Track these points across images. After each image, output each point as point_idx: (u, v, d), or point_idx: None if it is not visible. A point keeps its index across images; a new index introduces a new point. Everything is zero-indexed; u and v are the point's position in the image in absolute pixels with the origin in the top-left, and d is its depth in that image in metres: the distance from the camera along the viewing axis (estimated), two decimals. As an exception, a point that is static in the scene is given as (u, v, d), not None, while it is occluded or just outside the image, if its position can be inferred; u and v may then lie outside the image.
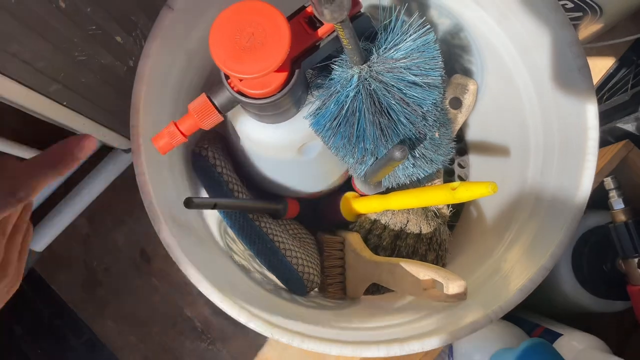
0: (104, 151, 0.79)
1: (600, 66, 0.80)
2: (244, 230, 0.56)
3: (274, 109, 0.42)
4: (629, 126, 0.56)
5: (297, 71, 0.41)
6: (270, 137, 0.48)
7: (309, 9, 0.41)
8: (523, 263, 0.44)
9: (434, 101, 0.45)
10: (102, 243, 0.81)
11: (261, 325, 0.41)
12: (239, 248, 0.60)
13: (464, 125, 0.66)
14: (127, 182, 0.80)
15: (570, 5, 0.59)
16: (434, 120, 0.48)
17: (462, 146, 0.69)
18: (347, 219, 0.62)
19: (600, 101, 0.70)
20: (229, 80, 0.40)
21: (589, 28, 0.69)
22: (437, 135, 0.51)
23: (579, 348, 0.50)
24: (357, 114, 0.44)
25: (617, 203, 0.53)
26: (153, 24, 0.54)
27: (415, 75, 0.43)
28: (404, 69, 0.43)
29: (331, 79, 0.45)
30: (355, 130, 0.45)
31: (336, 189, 0.65)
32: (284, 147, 0.49)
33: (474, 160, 0.67)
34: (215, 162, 0.54)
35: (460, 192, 0.48)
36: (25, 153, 0.66)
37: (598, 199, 0.58)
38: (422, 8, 0.57)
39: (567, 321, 0.63)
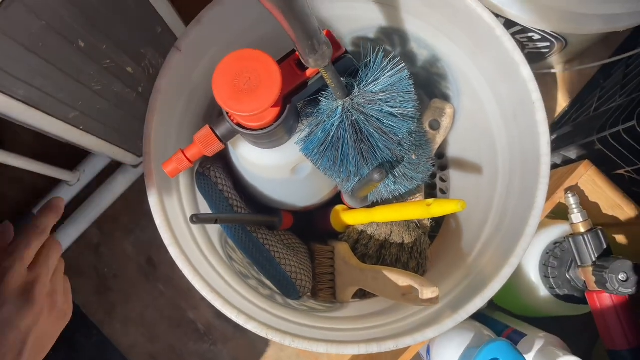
0: (114, 167, 0.85)
1: (572, 89, 0.86)
2: (243, 241, 0.62)
3: (268, 137, 0.48)
4: (587, 147, 0.62)
5: (288, 106, 0.47)
6: (266, 160, 0.54)
7: (297, 54, 0.47)
8: (487, 271, 0.50)
9: (408, 129, 0.51)
10: (112, 251, 0.87)
11: (257, 327, 0.47)
12: (239, 257, 0.66)
13: (446, 142, 0.72)
14: (135, 195, 0.86)
15: (537, 37, 0.65)
16: (410, 145, 0.54)
17: (443, 162, 0.75)
18: (337, 230, 0.68)
19: (569, 122, 0.76)
20: (229, 115, 0.47)
21: (561, 55, 0.75)
22: (414, 157, 0.57)
23: (539, 346, 0.56)
24: (341, 140, 0.50)
25: (576, 217, 0.58)
26: (161, 55, 0.61)
27: (392, 107, 0.49)
28: (382, 102, 0.49)
29: (319, 110, 0.51)
30: (339, 154, 0.51)
31: (327, 203, 0.71)
32: (278, 168, 0.55)
33: (454, 175, 0.73)
34: (217, 180, 0.61)
35: (434, 208, 0.54)
36: (40, 168, 0.72)
37: (563, 214, 0.64)
38: (404, 41, 0.63)
39: (542, 325, 0.68)
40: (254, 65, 0.42)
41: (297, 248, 0.68)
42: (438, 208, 0.53)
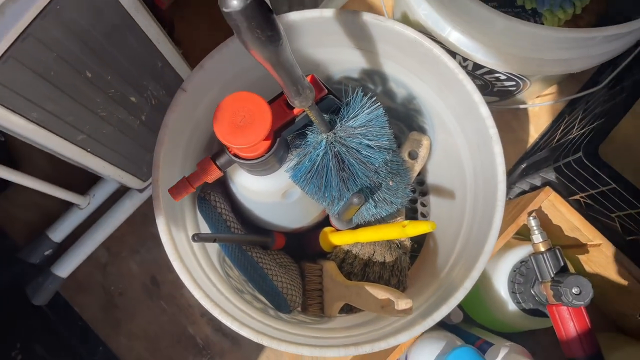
0: (122, 192, 0.93)
1: (543, 122, 0.94)
2: (239, 259, 0.69)
3: (262, 166, 0.56)
4: (549, 175, 0.69)
5: (278, 139, 0.54)
6: (259, 186, 0.61)
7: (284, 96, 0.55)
8: (454, 284, 0.57)
9: (384, 159, 0.58)
10: (118, 270, 0.94)
11: (249, 332, 0.53)
12: (235, 274, 0.73)
13: (425, 171, 0.80)
14: (141, 217, 0.93)
15: (503, 77, 0.73)
16: (386, 173, 0.61)
17: (424, 188, 0.82)
18: (325, 250, 0.75)
19: (537, 152, 0.83)
20: (227, 147, 0.54)
21: (529, 92, 0.83)
22: (391, 183, 0.64)
23: (504, 354, 0.62)
24: (325, 169, 0.57)
25: (536, 237, 0.65)
26: (162, 87, 0.68)
27: (369, 140, 0.57)
28: (360, 135, 0.56)
29: (306, 142, 0.58)
30: (324, 181, 0.58)
31: (316, 225, 0.77)
32: (270, 193, 0.62)
33: (433, 200, 0.80)
34: (216, 204, 0.68)
35: (408, 229, 0.61)
36: (54, 191, 0.79)
37: (527, 235, 0.71)
38: (384, 80, 0.70)
39: (518, 340, 0.74)
40: (248, 105, 0.49)
41: (289, 266, 0.75)
42: (412, 229, 0.60)
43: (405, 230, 0.62)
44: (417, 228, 0.60)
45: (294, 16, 0.59)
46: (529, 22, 0.60)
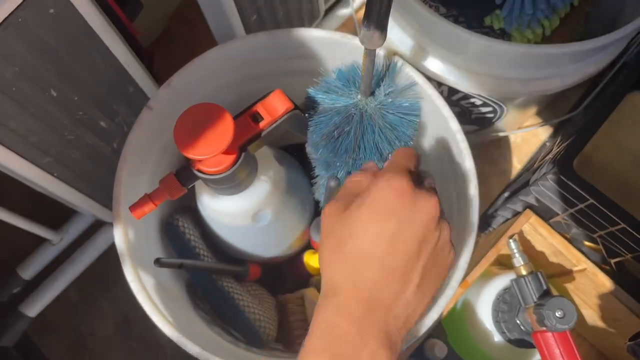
0: (96, 227, 0.90)
1: (527, 152, 0.94)
2: (207, 288, 0.66)
3: (227, 182, 0.54)
4: (529, 198, 0.67)
5: (244, 154, 0.53)
6: (227, 206, 0.59)
7: (253, 109, 0.54)
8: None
9: (391, 150, 0.55)
10: (89, 310, 0.89)
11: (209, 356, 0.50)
12: (206, 307, 0.69)
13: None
14: (115, 254, 0.90)
15: (479, 102, 0.73)
16: None
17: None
18: (312, 273, 0.72)
19: (520, 181, 0.82)
20: (191, 162, 0.53)
21: (509, 119, 0.83)
22: None
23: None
24: (347, 133, 0.55)
25: (517, 261, 0.63)
26: (134, 113, 0.67)
27: (396, 125, 0.54)
28: (392, 114, 0.54)
29: (335, 102, 0.55)
30: (339, 145, 0.55)
31: (292, 255, 0.75)
32: (239, 215, 0.60)
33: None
34: (185, 230, 0.65)
35: None
36: (25, 225, 0.77)
37: (508, 263, 0.68)
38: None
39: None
40: (210, 116, 0.48)
41: (263, 298, 0.72)
42: None
43: None
44: None
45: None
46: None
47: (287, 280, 0.80)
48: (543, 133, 0.94)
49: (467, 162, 0.54)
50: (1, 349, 0.86)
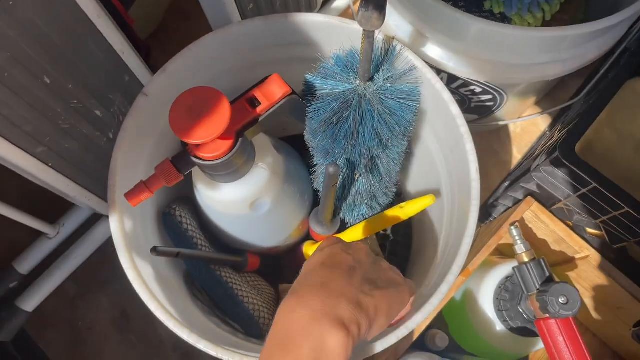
0: (93, 221, 0.89)
1: (526, 142, 0.93)
2: (205, 278, 0.65)
3: (224, 169, 0.53)
4: (530, 185, 0.66)
5: (240, 139, 0.52)
6: (224, 194, 0.58)
7: (250, 94, 0.53)
8: (429, 293, 0.53)
9: (402, 131, 0.55)
10: (87, 304, 0.89)
11: (208, 345, 0.49)
12: (204, 297, 0.69)
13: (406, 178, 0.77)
14: (112, 247, 0.89)
15: (479, 89, 0.72)
16: (390, 152, 0.58)
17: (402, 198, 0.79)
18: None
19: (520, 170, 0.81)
20: (187, 147, 0.52)
21: (508, 108, 0.82)
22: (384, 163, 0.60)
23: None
24: (346, 117, 0.54)
25: (519, 247, 0.62)
26: (130, 103, 0.66)
27: (396, 110, 0.53)
28: (391, 99, 0.53)
29: (334, 88, 0.54)
30: (338, 131, 0.55)
31: (291, 246, 0.74)
32: (236, 203, 0.59)
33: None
34: (182, 220, 0.64)
35: (407, 208, 0.59)
36: (22, 218, 0.76)
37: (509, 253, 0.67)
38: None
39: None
40: (206, 99, 0.47)
41: (263, 289, 0.71)
42: (411, 207, 0.58)
43: (404, 211, 0.60)
44: (415, 204, 0.59)
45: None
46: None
47: (286, 271, 0.79)
48: (543, 122, 0.93)
49: (468, 146, 0.54)
50: (-2, 344, 0.85)
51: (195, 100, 0.48)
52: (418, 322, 0.49)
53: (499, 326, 0.68)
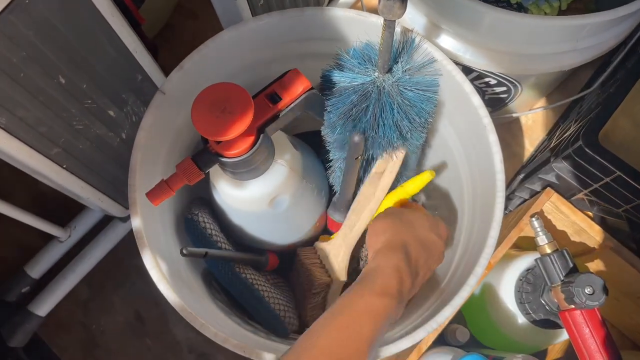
0: (104, 223, 0.88)
1: (538, 134, 0.92)
2: (230, 280, 0.63)
3: (245, 166, 0.52)
4: (549, 176, 0.66)
5: (262, 135, 0.51)
6: (244, 192, 0.57)
7: (270, 89, 0.52)
8: (456, 288, 0.53)
9: (421, 123, 0.55)
10: (100, 307, 0.88)
11: (237, 346, 0.48)
12: (223, 298, 0.68)
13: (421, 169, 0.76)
14: (125, 250, 0.88)
15: (494, 81, 0.72)
16: (410, 144, 0.57)
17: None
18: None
19: (534, 161, 0.81)
20: (208, 144, 0.51)
21: (521, 100, 0.81)
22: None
23: (516, 363, 0.57)
24: (365, 109, 0.54)
25: (541, 239, 0.61)
26: (143, 102, 0.65)
27: (416, 102, 0.53)
28: (410, 90, 0.53)
29: (353, 79, 0.54)
30: (358, 122, 0.55)
31: (307, 242, 0.73)
32: (257, 200, 0.58)
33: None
34: (205, 225, 0.63)
35: (408, 187, 0.60)
36: (33, 221, 0.75)
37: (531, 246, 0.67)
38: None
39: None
40: (228, 95, 0.47)
41: (282, 287, 0.70)
42: (411, 185, 0.60)
43: (405, 189, 0.61)
44: (415, 183, 0.60)
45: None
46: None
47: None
48: (554, 114, 0.93)
49: (491, 137, 0.53)
50: (11, 350, 0.84)
51: (217, 97, 0.47)
52: (448, 315, 0.49)
53: (521, 319, 0.67)
